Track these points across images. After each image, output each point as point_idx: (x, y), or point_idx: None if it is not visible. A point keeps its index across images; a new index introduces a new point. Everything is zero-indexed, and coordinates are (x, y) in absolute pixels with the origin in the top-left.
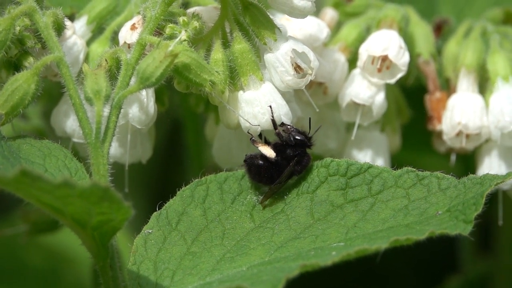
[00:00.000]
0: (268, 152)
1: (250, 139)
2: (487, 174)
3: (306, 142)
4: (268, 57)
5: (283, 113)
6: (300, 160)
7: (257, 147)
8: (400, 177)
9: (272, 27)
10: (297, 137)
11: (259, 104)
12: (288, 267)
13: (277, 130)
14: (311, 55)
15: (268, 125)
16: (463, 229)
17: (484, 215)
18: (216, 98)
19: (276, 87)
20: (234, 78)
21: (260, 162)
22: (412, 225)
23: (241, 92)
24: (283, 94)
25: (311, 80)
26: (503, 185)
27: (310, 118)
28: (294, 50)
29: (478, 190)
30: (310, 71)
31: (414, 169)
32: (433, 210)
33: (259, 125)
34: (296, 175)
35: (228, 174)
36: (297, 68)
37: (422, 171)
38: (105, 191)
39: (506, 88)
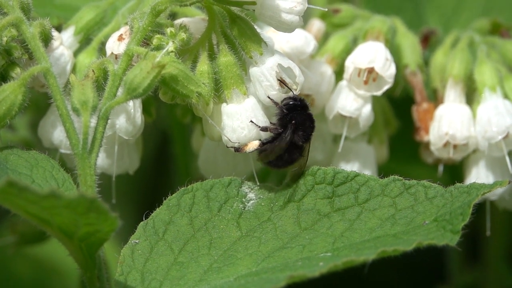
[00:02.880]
0: (253, 146)
1: (234, 149)
2: (474, 183)
3: (296, 103)
4: (254, 70)
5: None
6: (302, 123)
7: (245, 152)
8: (387, 186)
9: (259, 40)
10: (288, 103)
11: (240, 118)
12: (275, 278)
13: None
14: (296, 71)
15: (246, 140)
16: (451, 239)
17: (472, 226)
18: (200, 110)
19: (260, 101)
20: (219, 90)
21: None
22: (399, 235)
23: (224, 104)
24: (268, 107)
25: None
26: (491, 195)
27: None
28: (279, 65)
29: (465, 199)
30: (295, 87)
31: (401, 178)
32: (420, 219)
33: (238, 140)
34: (305, 141)
35: (214, 181)
36: (282, 83)
37: (409, 179)
38: (92, 202)
39: (493, 98)
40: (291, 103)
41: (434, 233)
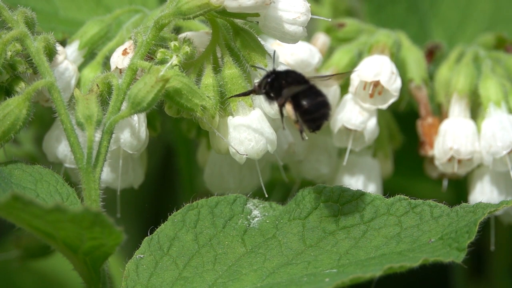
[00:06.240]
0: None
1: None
2: (480, 202)
3: (269, 79)
4: None
5: (270, 141)
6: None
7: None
8: (392, 205)
9: (263, 52)
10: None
11: (247, 130)
12: None
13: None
14: None
15: (253, 152)
16: (457, 256)
17: (477, 240)
18: (206, 123)
19: (266, 114)
20: (225, 103)
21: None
22: (405, 252)
23: (230, 117)
24: (274, 119)
25: None
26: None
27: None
28: None
29: (471, 218)
30: None
31: (407, 197)
32: (426, 238)
33: (246, 153)
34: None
35: (219, 198)
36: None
37: (415, 199)
38: (96, 216)
39: (498, 113)
40: (268, 81)
41: (440, 251)
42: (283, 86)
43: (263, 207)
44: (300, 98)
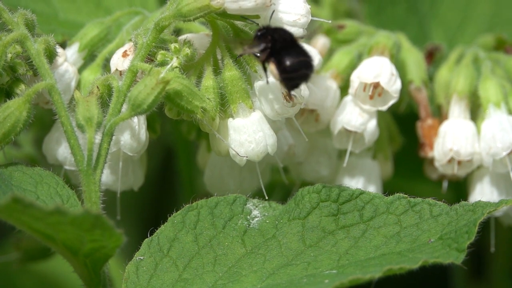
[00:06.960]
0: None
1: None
2: (479, 201)
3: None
4: (259, 84)
5: (270, 143)
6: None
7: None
8: (391, 204)
9: None
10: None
11: (247, 132)
12: None
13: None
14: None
15: (254, 154)
16: (456, 257)
17: (477, 242)
18: (207, 125)
19: (266, 115)
20: (225, 105)
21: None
22: (405, 252)
23: (230, 119)
24: (274, 121)
25: (302, 107)
26: (495, 211)
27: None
28: None
29: (471, 217)
30: (300, 100)
31: (406, 196)
32: (425, 237)
33: (246, 155)
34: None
35: (219, 198)
36: (287, 96)
37: (414, 197)
38: (97, 218)
39: (498, 114)
40: (258, 34)
41: (439, 251)
42: (268, 42)
43: (263, 207)
44: (282, 56)
